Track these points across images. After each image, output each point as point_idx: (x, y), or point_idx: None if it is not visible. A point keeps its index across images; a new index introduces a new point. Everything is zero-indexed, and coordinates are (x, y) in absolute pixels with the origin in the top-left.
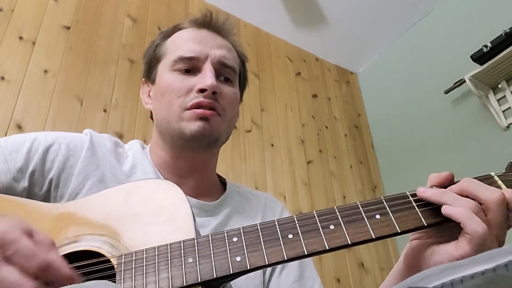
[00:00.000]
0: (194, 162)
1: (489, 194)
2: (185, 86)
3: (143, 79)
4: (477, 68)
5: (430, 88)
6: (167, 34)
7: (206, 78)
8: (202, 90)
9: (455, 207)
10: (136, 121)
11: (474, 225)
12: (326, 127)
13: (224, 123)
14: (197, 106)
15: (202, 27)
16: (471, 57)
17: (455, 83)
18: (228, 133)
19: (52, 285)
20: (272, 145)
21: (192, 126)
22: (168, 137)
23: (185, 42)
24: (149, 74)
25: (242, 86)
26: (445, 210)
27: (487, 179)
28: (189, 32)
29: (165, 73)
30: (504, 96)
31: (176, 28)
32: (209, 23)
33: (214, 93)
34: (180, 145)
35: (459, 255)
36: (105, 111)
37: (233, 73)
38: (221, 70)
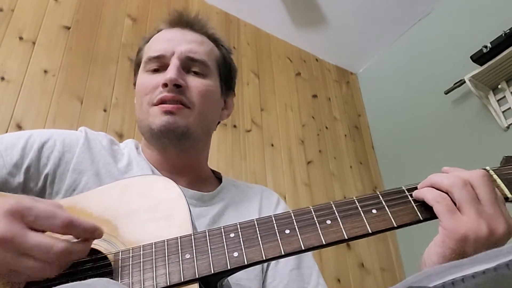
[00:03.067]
0: (182, 160)
1: (467, 173)
2: (151, 84)
3: (134, 86)
4: (477, 69)
5: (430, 89)
6: (148, 38)
7: (168, 72)
8: (165, 85)
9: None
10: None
11: (445, 221)
12: (326, 127)
13: (194, 115)
14: (162, 101)
15: (175, 26)
16: (471, 57)
17: (455, 84)
18: (204, 127)
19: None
20: (272, 145)
21: (158, 121)
22: (146, 135)
23: (156, 43)
24: (135, 80)
25: (226, 78)
26: (416, 194)
27: None
28: (162, 32)
29: (139, 75)
30: (504, 96)
31: (155, 31)
32: (180, 20)
33: (178, 86)
34: (156, 143)
35: (441, 240)
36: (105, 110)
37: (203, 66)
38: (189, 65)
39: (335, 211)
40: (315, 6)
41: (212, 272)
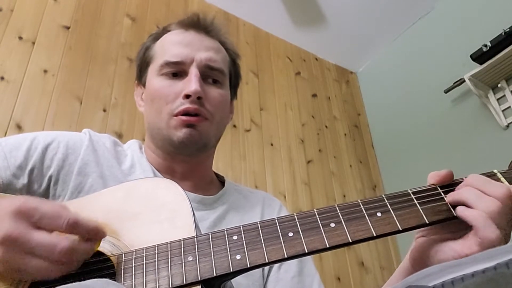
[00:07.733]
0: (188, 165)
1: (495, 189)
2: (172, 92)
3: (136, 82)
4: (477, 68)
5: (430, 88)
6: (157, 37)
7: (191, 83)
8: (187, 96)
9: (469, 210)
10: (136, 121)
11: (487, 232)
12: (326, 126)
13: (213, 127)
14: (184, 112)
15: (189, 29)
16: (470, 56)
17: (454, 83)
18: (218, 135)
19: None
20: (272, 144)
21: (179, 134)
22: (159, 142)
23: (172, 46)
24: (141, 77)
25: (234, 85)
26: (460, 212)
27: (490, 177)
28: (177, 34)
29: (153, 77)
30: (504, 95)
31: (165, 30)
32: (196, 24)
33: (199, 98)
34: (171, 151)
35: (465, 254)
36: (104, 110)
37: (221, 75)
38: (208, 73)
39: (339, 214)
40: (315, 5)
41: (215, 274)
